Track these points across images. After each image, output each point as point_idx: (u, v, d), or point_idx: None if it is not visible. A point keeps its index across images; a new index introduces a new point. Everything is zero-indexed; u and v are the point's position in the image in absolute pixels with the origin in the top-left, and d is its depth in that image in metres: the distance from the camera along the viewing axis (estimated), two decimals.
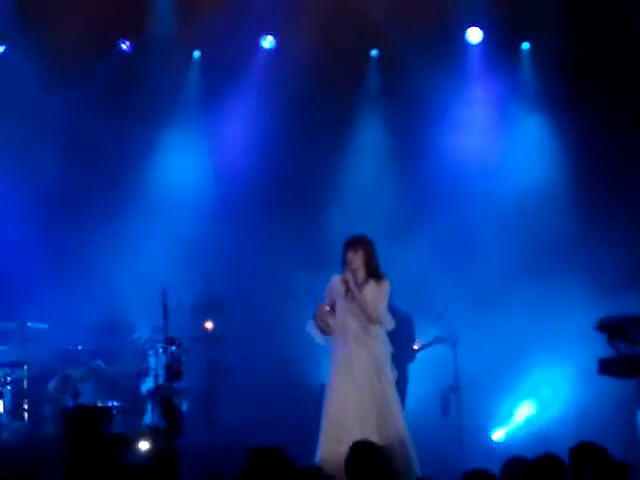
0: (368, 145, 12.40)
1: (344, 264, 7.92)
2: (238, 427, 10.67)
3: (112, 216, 11.74)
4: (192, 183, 12.24)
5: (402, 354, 8.47)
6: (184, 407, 10.30)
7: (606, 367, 8.38)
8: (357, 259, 7.88)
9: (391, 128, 12.35)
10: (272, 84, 12.24)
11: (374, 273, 7.95)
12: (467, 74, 12.36)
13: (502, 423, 11.23)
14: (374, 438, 6.83)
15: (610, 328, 8.15)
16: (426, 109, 11.98)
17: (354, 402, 7.65)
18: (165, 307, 9.23)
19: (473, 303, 11.19)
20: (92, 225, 11.71)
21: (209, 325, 11.20)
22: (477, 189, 11.90)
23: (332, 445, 7.36)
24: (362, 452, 5.54)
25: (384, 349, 7.89)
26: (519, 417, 11.28)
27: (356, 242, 7.94)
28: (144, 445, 4.70)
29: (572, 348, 10.58)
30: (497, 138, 12.23)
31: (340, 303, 7.89)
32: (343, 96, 12.14)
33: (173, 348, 8.85)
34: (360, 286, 7.88)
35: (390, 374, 7.85)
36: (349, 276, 7.87)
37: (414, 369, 11.29)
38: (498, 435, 11.12)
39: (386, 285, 7.93)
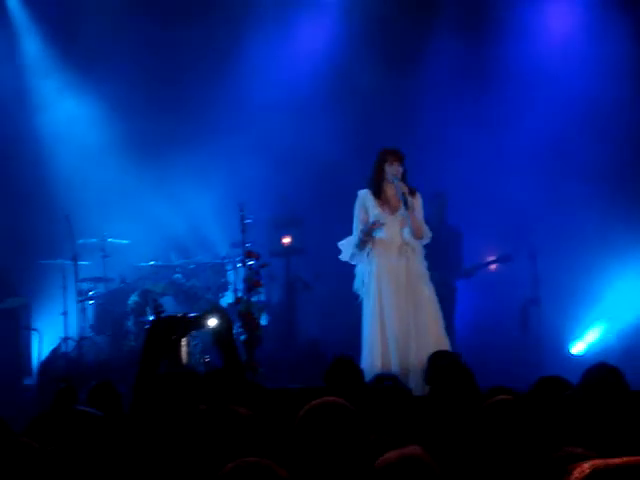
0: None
1: (385, 175, 7.86)
2: (316, 341, 10.75)
3: (192, 133, 11.70)
4: (274, 88, 12.02)
5: (448, 271, 8.44)
6: (263, 320, 10.42)
7: None
8: (401, 172, 7.87)
9: None
10: None
11: (408, 186, 7.94)
12: None
13: (582, 336, 11.15)
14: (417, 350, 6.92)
15: None
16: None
17: (405, 314, 7.70)
18: (242, 221, 9.26)
19: (555, 213, 11.05)
20: (172, 141, 11.71)
21: (287, 240, 11.22)
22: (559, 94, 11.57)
23: (399, 357, 7.43)
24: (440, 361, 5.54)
25: (422, 261, 7.91)
26: (599, 330, 11.18)
27: (401, 154, 7.92)
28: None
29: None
30: None
31: (383, 218, 7.86)
32: None
33: (251, 262, 8.89)
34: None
35: (430, 288, 7.88)
36: (405, 187, 7.85)
37: (492, 283, 11.26)
38: (578, 348, 11.05)
39: (421, 199, 7.96)
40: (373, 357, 7.71)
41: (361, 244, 7.95)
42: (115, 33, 11.66)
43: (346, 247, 8.13)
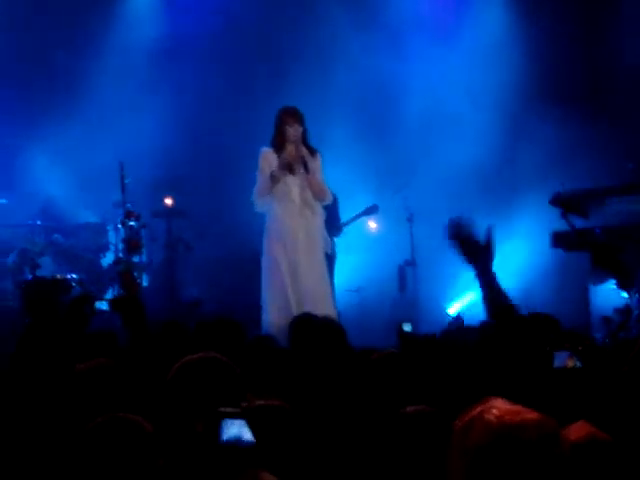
0: None
1: (286, 136, 7.94)
2: (198, 301, 10.77)
3: (66, 82, 11.53)
4: (155, 43, 11.92)
5: (328, 229, 8.59)
6: (144, 281, 10.40)
7: (559, 240, 8.52)
8: (301, 132, 7.95)
9: None
10: None
11: (308, 146, 8.03)
12: None
13: (457, 297, 11.44)
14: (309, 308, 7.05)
15: (564, 202, 8.25)
16: None
17: (301, 272, 7.83)
18: (123, 181, 9.19)
19: (432, 178, 11.27)
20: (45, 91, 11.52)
21: (169, 201, 11.15)
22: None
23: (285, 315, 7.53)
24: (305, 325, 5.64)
25: (322, 223, 8.06)
26: (473, 292, 11.48)
27: (300, 114, 7.99)
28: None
29: (525, 222, 10.72)
30: None
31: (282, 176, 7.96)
32: None
33: (132, 222, 8.84)
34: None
35: (325, 250, 8.05)
36: (304, 150, 7.92)
37: (373, 245, 11.47)
38: (453, 309, 11.35)
39: (320, 159, 8.07)
40: (269, 314, 7.81)
41: (261, 193, 8.03)
42: None
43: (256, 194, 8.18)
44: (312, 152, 8.07)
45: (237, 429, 2.83)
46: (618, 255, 8.26)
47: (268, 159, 8.02)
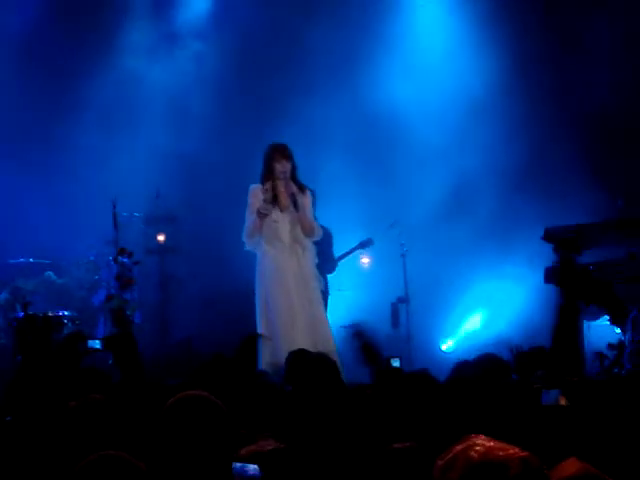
0: None
1: (275, 173, 7.94)
2: (190, 338, 10.75)
3: (62, 124, 11.56)
4: (148, 88, 12.00)
5: (322, 265, 8.59)
6: (136, 318, 10.37)
7: (551, 275, 8.52)
8: (290, 168, 7.95)
9: None
10: None
11: (297, 183, 8.03)
12: None
13: (451, 334, 11.43)
14: (307, 346, 7.00)
15: (556, 237, 8.27)
16: None
17: (295, 312, 7.81)
18: (115, 218, 9.21)
19: (424, 217, 11.27)
20: (41, 132, 11.56)
21: (161, 238, 11.16)
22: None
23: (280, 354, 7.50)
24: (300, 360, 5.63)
25: (313, 259, 8.04)
26: (467, 328, 11.47)
27: (288, 151, 8.00)
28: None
29: (520, 259, 10.72)
30: None
31: (273, 215, 7.96)
32: None
33: (124, 259, 8.85)
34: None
35: (319, 286, 8.03)
36: (294, 187, 7.93)
37: (366, 281, 11.46)
38: (447, 345, 11.33)
39: (310, 196, 8.07)
40: (264, 352, 7.78)
41: (251, 232, 8.01)
42: None
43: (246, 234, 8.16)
44: (302, 189, 8.06)
45: None
46: (611, 291, 8.28)
47: (257, 196, 8.03)
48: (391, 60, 11.81)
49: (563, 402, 3.92)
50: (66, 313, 9.32)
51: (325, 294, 8.94)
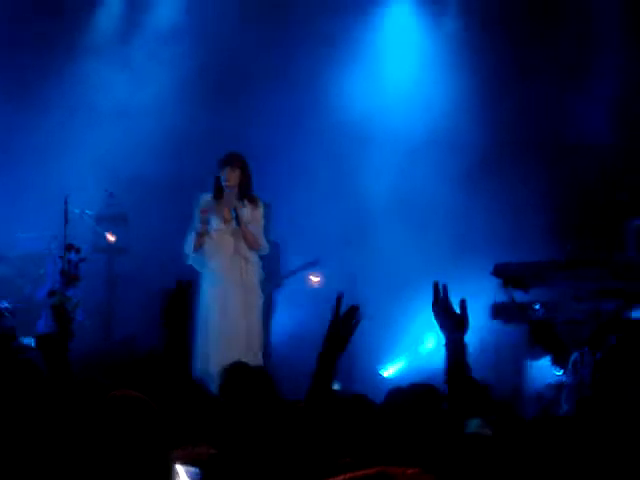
0: None
1: (219, 182, 7.87)
2: (133, 337, 10.65)
3: (19, 120, 11.44)
4: (107, 86, 11.89)
5: (268, 280, 8.54)
6: (78, 315, 10.24)
7: (498, 312, 8.54)
8: (234, 178, 7.85)
9: None
10: None
11: (248, 195, 7.94)
12: None
13: (392, 361, 11.40)
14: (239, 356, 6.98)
15: (505, 274, 8.30)
16: None
17: (231, 324, 7.76)
18: (66, 214, 9.16)
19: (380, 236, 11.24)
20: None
21: (111, 237, 11.05)
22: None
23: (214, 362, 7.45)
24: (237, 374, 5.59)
25: (257, 274, 7.98)
26: (408, 357, 11.44)
27: (233, 159, 7.90)
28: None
29: (466, 293, 10.69)
30: None
31: (216, 225, 7.90)
32: None
33: (71, 255, 8.74)
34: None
35: (259, 300, 7.98)
36: (237, 202, 7.84)
37: (315, 298, 11.40)
38: (388, 372, 11.30)
39: (262, 209, 7.98)
40: (199, 360, 7.74)
41: (192, 246, 7.95)
42: None
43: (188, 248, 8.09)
44: (253, 201, 7.97)
45: None
46: (554, 331, 8.31)
47: (203, 204, 7.97)
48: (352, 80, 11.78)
49: (485, 431, 3.91)
50: (6, 304, 9.20)
51: (270, 308, 8.90)
